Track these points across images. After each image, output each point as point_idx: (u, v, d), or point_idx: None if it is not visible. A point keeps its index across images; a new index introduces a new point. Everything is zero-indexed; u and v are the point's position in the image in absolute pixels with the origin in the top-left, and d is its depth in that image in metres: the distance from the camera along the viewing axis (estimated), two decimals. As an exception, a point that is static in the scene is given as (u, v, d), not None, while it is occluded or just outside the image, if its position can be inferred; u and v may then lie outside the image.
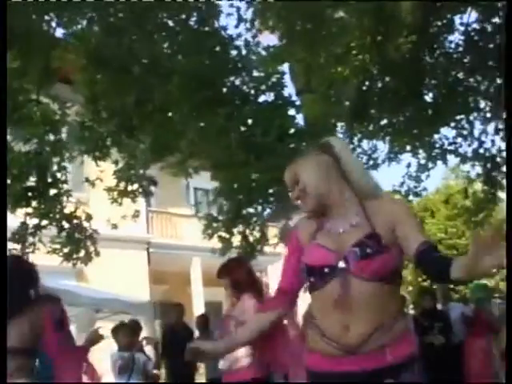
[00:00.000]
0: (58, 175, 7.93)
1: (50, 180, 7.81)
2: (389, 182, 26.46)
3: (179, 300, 11.86)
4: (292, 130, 8.01)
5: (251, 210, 8.86)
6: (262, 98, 8.43)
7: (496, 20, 9.55)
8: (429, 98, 10.02)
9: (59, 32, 8.59)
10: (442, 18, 9.82)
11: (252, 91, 8.37)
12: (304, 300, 2.88)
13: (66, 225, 8.38)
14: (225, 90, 8.29)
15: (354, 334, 2.43)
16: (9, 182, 6.75)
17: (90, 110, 8.56)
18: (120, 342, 7.97)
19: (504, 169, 9.99)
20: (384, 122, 10.04)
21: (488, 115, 10.33)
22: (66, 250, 8.50)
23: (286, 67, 9.54)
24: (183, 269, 19.43)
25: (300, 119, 9.15)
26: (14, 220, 7.88)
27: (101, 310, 11.27)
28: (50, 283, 9.96)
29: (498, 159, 10.36)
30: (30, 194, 7.60)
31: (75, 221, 8.47)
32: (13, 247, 8.28)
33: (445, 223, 27.05)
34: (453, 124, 10.18)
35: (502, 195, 10.99)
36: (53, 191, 7.94)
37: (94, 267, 9.70)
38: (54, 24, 8.39)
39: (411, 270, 25.94)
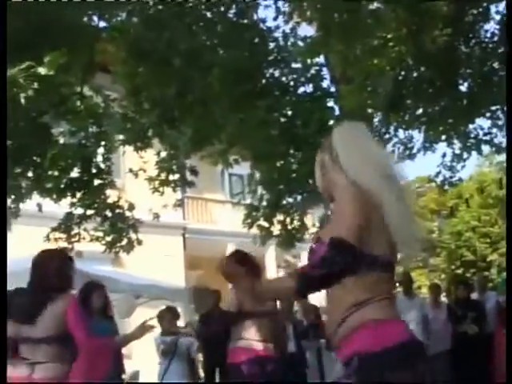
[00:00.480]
0: (102, 166, 8.14)
1: (94, 171, 8.03)
2: (424, 171, 26.39)
3: (214, 285, 12.04)
4: (331, 122, 8.15)
5: (291, 200, 9.02)
6: (301, 90, 8.59)
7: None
8: (464, 87, 10.04)
9: (101, 24, 8.79)
10: (477, 7, 9.82)
11: (291, 83, 8.52)
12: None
13: (109, 214, 8.61)
14: (264, 81, 8.45)
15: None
16: (56, 173, 6.99)
17: (131, 101, 8.80)
18: (164, 327, 8.23)
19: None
20: (419, 111, 10.09)
21: (524, 106, 10.33)
22: (108, 239, 8.74)
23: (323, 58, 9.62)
24: (218, 254, 19.60)
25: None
26: (59, 210, 8.12)
27: (141, 296, 11.48)
28: (85, 269, 10.28)
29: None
30: (75, 184, 7.83)
31: (118, 210, 8.69)
32: (59, 236, 8.56)
33: (478, 211, 26.89)
34: (488, 114, 10.20)
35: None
36: (97, 181, 8.16)
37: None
38: (95, 18, 8.61)
39: (444, 258, 25.93)
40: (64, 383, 3.95)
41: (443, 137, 10.32)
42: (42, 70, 5.62)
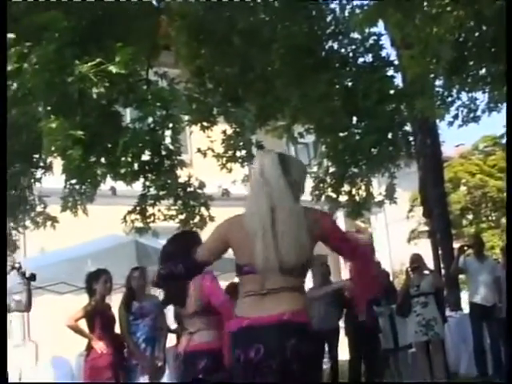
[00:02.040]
0: (171, 147, 8.38)
1: (164, 153, 8.28)
2: (490, 132, 25.70)
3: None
4: (391, 91, 8.20)
5: (356, 171, 9.12)
6: (360, 60, 8.63)
7: None
8: (528, 42, 9.82)
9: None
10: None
11: (350, 54, 8.58)
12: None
13: (181, 193, 8.88)
14: (324, 54, 8.54)
15: None
16: (129, 159, 7.26)
17: (195, 82, 9.04)
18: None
19: None
20: (483, 72, 9.95)
21: None
22: (181, 217, 9.03)
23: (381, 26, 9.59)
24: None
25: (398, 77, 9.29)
26: (131, 189, 8.41)
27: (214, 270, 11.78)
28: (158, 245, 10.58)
29: None
30: (146, 167, 8.10)
31: (189, 189, 8.96)
32: (135, 218, 8.91)
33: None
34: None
35: None
36: (167, 163, 8.42)
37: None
38: (155, 2, 8.82)
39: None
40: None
41: (508, 96, 10.15)
42: (112, 68, 5.87)
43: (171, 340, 7.99)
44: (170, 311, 6.82)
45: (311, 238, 3.22)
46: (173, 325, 7.82)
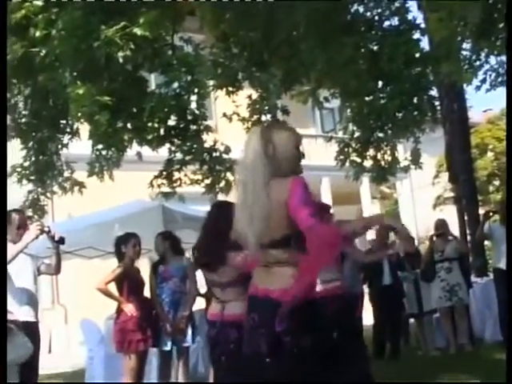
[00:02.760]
0: (197, 112, 8.42)
1: (189, 118, 8.32)
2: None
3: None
4: (417, 55, 8.14)
5: (381, 135, 9.10)
6: (386, 24, 8.57)
7: None
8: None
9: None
10: None
11: (376, 17, 8.52)
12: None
13: (206, 158, 8.92)
14: (349, 18, 8.48)
15: None
16: (156, 125, 7.33)
17: (220, 47, 9.04)
18: None
19: None
20: (512, 34, 9.77)
21: None
22: (207, 182, 9.09)
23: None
24: (313, 188, 19.82)
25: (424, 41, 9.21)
26: (157, 154, 8.48)
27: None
28: (187, 210, 10.64)
29: None
30: (172, 132, 8.16)
31: (215, 154, 8.99)
32: (161, 182, 8.98)
33: None
34: None
35: None
36: (193, 128, 8.47)
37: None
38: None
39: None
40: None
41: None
42: (137, 31, 5.90)
43: (201, 304, 8.09)
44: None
45: (286, 208, 3.19)
46: (202, 289, 7.92)
